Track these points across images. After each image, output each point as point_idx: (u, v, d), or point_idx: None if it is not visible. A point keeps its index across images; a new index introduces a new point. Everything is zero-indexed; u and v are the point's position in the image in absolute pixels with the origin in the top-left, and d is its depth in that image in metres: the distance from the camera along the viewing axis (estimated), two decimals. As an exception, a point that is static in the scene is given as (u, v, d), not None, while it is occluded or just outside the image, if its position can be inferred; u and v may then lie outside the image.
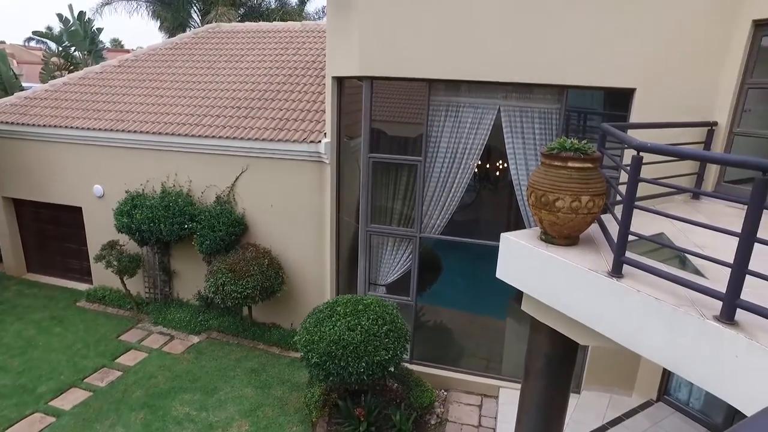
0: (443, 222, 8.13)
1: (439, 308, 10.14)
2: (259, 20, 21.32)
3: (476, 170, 8.53)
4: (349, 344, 6.75)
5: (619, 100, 7.09)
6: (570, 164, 4.19)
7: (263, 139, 9.54)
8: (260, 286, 9.17)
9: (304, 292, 10.18)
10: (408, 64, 7.31)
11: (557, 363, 5.04)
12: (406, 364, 8.64)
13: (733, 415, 6.90)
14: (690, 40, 6.49)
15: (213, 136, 9.94)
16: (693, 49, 6.51)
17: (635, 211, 3.92)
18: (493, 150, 8.82)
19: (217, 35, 14.51)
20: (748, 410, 3.11)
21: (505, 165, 7.92)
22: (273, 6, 27.40)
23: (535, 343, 5.15)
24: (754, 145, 6.55)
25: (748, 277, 3.12)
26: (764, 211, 2.97)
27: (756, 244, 3.03)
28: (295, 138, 9.36)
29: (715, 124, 6.54)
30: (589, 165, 4.24)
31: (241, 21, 22.72)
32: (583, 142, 4.32)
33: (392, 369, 7.35)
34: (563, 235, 4.41)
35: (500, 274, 4.88)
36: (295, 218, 9.81)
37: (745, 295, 3.31)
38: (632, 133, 6.18)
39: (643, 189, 5.58)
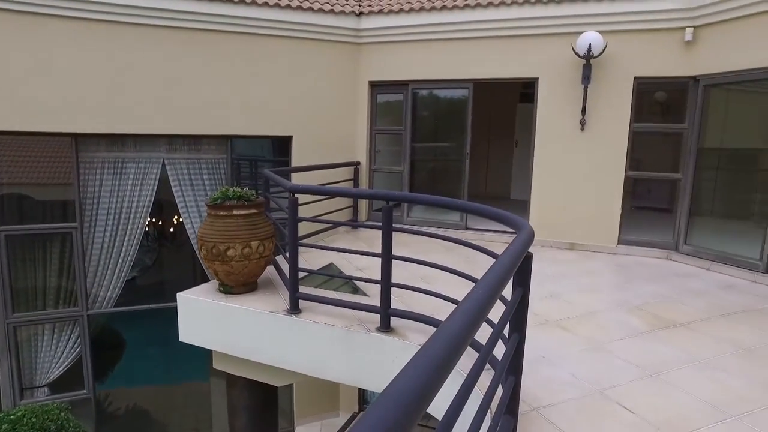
0: (116, 292, 7.11)
1: (129, 390, 8.78)
2: None
3: (149, 229, 7.82)
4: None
5: (283, 146, 7.67)
6: (236, 212, 4.22)
7: None
8: None
9: None
10: (46, 117, 6.20)
11: (260, 411, 4.94)
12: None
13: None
14: (332, 98, 7.63)
15: None
16: (335, 105, 7.66)
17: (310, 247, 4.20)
18: (167, 205, 8.29)
19: None
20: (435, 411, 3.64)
21: (181, 219, 7.53)
22: None
23: (234, 398, 4.94)
24: (389, 178, 8.04)
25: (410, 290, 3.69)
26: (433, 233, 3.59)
27: (423, 262, 3.63)
28: None
29: (358, 163, 7.77)
30: (255, 211, 4.36)
31: None
32: (245, 189, 4.42)
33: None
34: (240, 282, 4.39)
35: (183, 336, 4.51)
36: None
37: (396, 303, 3.93)
38: (298, 176, 6.77)
39: (313, 226, 6.08)
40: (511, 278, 2.11)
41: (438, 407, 1.35)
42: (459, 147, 7.45)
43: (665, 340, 3.85)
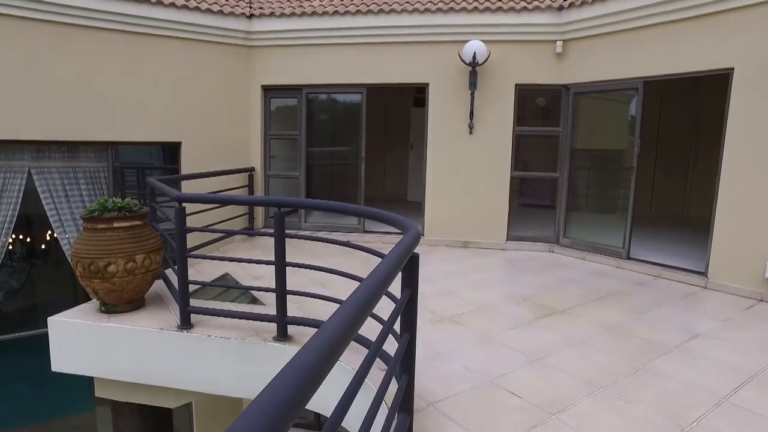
0: (-24, 321, 6.26)
1: (-2, 433, 7.75)
2: None
3: (14, 247, 6.98)
4: None
5: (174, 153, 7.22)
6: (116, 224, 3.90)
7: None
8: None
9: None
10: None
11: (152, 438, 4.61)
12: None
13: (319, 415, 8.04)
14: (223, 102, 7.33)
15: None
16: (227, 109, 7.37)
17: (202, 258, 3.99)
18: (38, 219, 7.45)
19: None
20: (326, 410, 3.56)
21: (55, 235, 6.80)
22: None
23: (122, 426, 4.56)
24: (285, 184, 7.90)
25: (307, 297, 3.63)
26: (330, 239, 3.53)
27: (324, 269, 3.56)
28: None
29: (253, 169, 7.55)
30: (138, 222, 4.06)
31: None
32: (127, 199, 4.11)
33: None
34: (125, 300, 4.06)
35: (57, 365, 4.08)
36: None
37: (295, 311, 3.86)
38: (190, 184, 6.42)
39: (206, 235, 5.80)
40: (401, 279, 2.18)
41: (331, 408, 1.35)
42: (355, 151, 7.52)
43: (548, 326, 4.17)
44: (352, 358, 2.83)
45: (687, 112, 9.23)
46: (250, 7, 7.34)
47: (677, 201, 9.47)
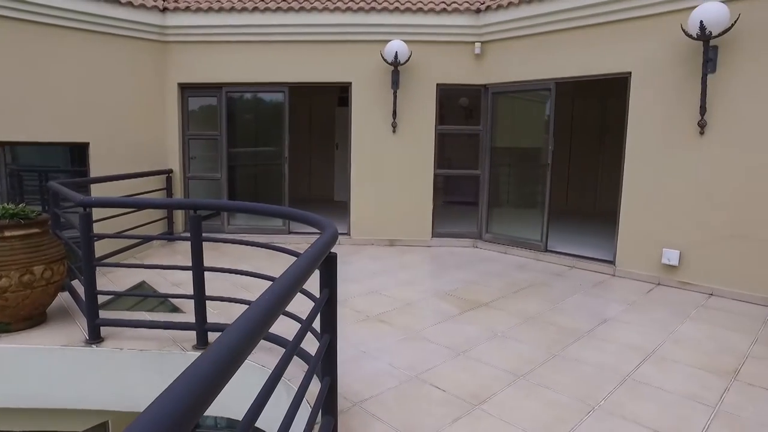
0: None
1: None
2: None
3: None
4: None
5: (82, 155, 6.70)
6: (8, 233, 3.55)
7: None
8: None
9: None
10: None
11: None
12: None
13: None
14: (136, 100, 6.90)
15: None
16: (141, 108, 6.95)
17: (113, 266, 3.72)
18: None
19: None
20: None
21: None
22: None
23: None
24: (207, 186, 7.58)
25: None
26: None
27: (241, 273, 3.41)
28: None
29: (171, 171, 7.18)
30: (36, 230, 3.73)
31: None
32: (21, 205, 3.75)
33: None
34: (22, 317, 3.71)
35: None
36: None
37: (216, 317, 3.71)
38: (101, 188, 5.99)
39: (121, 242, 5.44)
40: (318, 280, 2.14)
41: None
42: (278, 151, 7.36)
43: (471, 320, 4.29)
44: (272, 360, 2.75)
45: (597, 111, 9.88)
46: (164, 0, 6.97)
47: (590, 195, 10.10)
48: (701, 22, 4.71)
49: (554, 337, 3.94)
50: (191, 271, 3.37)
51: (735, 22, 4.68)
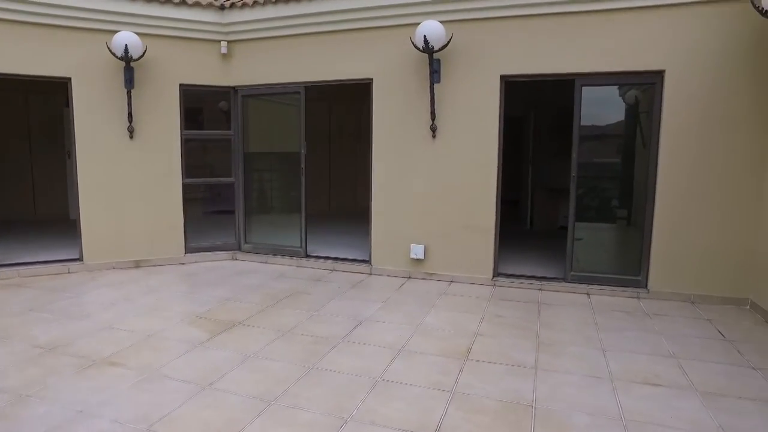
0: None
1: None
2: None
3: None
4: None
5: None
6: None
7: None
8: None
9: None
10: None
11: None
12: None
13: None
14: None
15: None
16: None
17: None
18: None
19: None
20: None
21: None
22: None
23: None
24: None
25: None
26: None
27: None
28: None
29: None
30: None
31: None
32: None
33: None
34: None
35: None
36: None
37: None
38: None
39: None
40: None
41: None
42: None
43: (222, 344, 3.88)
44: None
45: (354, 116, 10.33)
46: None
47: (350, 197, 10.55)
48: (425, 36, 5.18)
49: (310, 348, 3.81)
50: None
51: (449, 40, 5.27)
